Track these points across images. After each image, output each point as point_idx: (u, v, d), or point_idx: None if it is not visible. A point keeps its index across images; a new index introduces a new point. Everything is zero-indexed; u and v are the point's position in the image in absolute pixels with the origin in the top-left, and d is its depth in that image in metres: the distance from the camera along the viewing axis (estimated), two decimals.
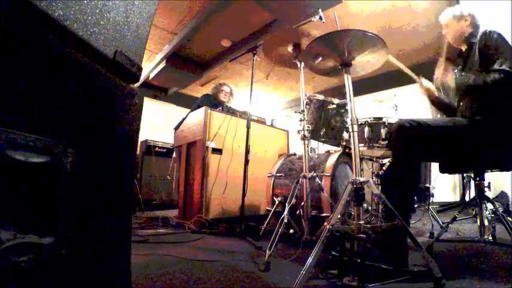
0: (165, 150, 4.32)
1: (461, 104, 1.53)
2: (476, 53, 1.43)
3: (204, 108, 2.52)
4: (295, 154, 2.33)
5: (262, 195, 2.67)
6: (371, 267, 1.09)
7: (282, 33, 1.83)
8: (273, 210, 1.93)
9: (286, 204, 1.63)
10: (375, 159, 2.13)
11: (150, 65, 4.94)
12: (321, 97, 1.88)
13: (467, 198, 3.21)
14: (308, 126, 1.72)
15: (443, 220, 2.23)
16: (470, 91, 1.42)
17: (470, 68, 1.48)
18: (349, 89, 1.30)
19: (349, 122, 1.27)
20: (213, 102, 3.08)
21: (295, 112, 1.77)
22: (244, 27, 3.93)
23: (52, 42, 0.46)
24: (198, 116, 2.61)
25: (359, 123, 1.45)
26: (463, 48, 1.59)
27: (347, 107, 1.71)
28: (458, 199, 3.91)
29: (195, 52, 4.72)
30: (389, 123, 1.77)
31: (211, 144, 2.48)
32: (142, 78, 4.82)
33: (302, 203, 1.67)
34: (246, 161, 2.10)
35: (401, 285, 1.02)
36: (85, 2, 0.52)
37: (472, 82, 1.37)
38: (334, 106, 1.85)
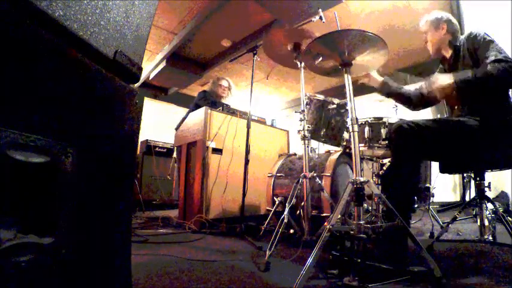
0: (165, 150, 4.32)
1: (456, 107, 1.52)
2: (466, 55, 1.43)
3: (204, 108, 2.51)
4: (295, 154, 2.32)
5: (262, 195, 2.67)
6: (371, 267, 1.09)
7: (282, 32, 1.82)
8: (273, 210, 1.93)
9: (287, 204, 1.63)
10: (375, 159, 2.13)
11: (150, 65, 4.94)
12: (321, 97, 1.88)
13: (467, 198, 3.21)
14: (308, 126, 1.72)
15: (443, 220, 2.23)
16: (471, 86, 1.28)
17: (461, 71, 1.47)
18: (349, 89, 1.30)
19: (349, 122, 1.27)
20: (211, 98, 3.03)
21: (296, 112, 1.76)
22: (244, 27, 3.93)
23: (52, 42, 0.46)
24: (198, 116, 2.61)
25: (359, 123, 1.45)
26: (447, 53, 1.57)
27: (347, 107, 1.71)
28: (458, 199, 3.92)
29: (195, 52, 4.72)
30: (389, 123, 1.77)
31: (212, 144, 2.48)
32: (142, 78, 4.82)
33: (302, 203, 1.67)
34: (246, 161, 2.10)
35: (401, 285, 1.02)
36: (85, 2, 0.52)
37: (473, 76, 1.26)
38: (335, 106, 1.85)
